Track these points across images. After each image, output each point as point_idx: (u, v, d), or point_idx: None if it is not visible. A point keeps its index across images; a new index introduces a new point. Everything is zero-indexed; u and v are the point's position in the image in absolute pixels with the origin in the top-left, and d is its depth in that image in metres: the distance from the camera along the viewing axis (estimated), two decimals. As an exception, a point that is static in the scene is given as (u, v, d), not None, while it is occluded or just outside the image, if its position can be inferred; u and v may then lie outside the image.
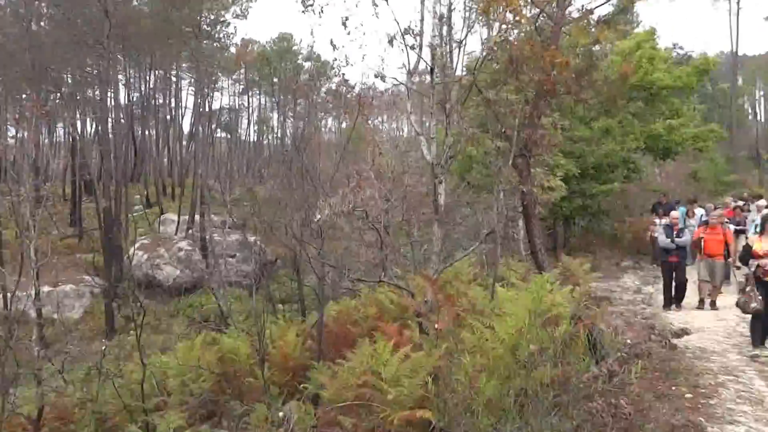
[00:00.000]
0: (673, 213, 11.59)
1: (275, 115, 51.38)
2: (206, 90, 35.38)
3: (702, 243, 10.48)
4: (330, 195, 5.95)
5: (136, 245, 22.22)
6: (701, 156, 23.86)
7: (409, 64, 5.09)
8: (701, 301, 10.65)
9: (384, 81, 5.80)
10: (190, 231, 26.72)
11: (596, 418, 4.28)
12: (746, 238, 11.70)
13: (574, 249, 17.35)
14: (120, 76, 35.98)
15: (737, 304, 7.46)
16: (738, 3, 45.85)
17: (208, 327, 11.59)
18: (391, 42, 4.98)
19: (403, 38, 4.96)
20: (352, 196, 5.37)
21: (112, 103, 30.76)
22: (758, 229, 11.18)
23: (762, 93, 50.59)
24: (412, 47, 4.97)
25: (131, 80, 39.27)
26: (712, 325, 9.08)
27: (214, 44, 33.15)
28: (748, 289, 7.27)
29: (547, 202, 6.08)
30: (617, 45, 16.24)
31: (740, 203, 16.93)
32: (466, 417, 3.59)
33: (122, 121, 32.97)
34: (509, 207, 9.34)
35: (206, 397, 6.50)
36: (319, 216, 5.71)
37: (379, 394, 3.86)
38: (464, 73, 6.41)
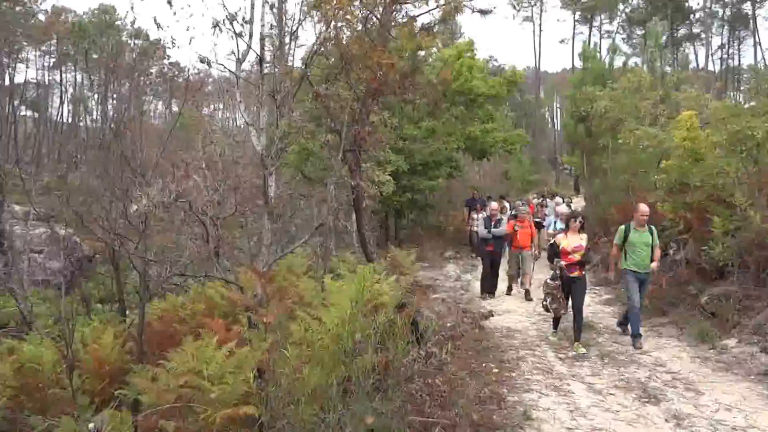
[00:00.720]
0: (493, 204, 12.46)
1: (94, 95, 46.58)
2: (6, 60, 31.08)
3: (513, 235, 11.25)
4: (150, 184, 5.61)
5: None
6: (511, 157, 26.28)
7: (238, 51, 4.97)
8: (510, 288, 11.67)
9: (210, 67, 5.59)
10: (-16, 223, 23.45)
11: (416, 398, 4.56)
12: (548, 233, 13.14)
13: (405, 241, 18.20)
14: None
15: (543, 305, 8.02)
16: (540, 26, 51.50)
17: (6, 334, 10.24)
18: (216, 27, 4.81)
19: (231, 24, 4.82)
20: (174, 185, 5.13)
21: None
22: (556, 227, 12.62)
23: (559, 105, 57.06)
24: (240, 35, 4.85)
25: None
26: (516, 307, 10.15)
27: (16, 8, 29.08)
28: (558, 295, 7.73)
29: (375, 195, 6.32)
30: (442, 52, 17.32)
31: (541, 200, 18.94)
32: (289, 409, 3.62)
33: None
34: (341, 200, 9.54)
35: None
36: (136, 207, 5.36)
37: (202, 393, 3.75)
38: (300, 65, 6.41)
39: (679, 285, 9.73)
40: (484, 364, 6.56)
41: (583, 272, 7.73)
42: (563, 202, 17.85)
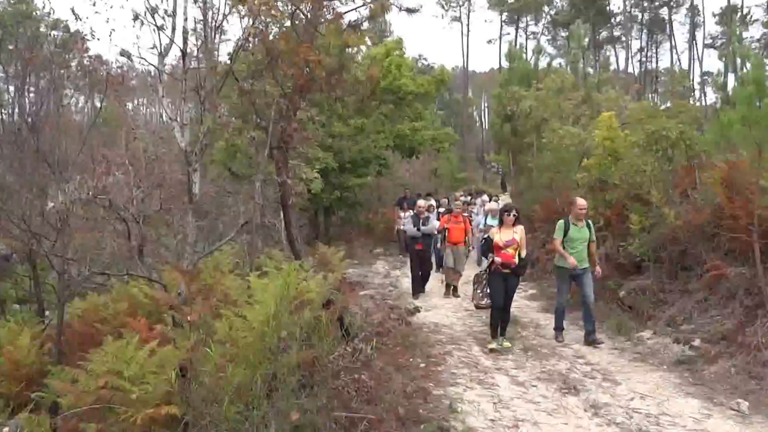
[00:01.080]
0: (420, 202, 12.22)
1: (9, 88, 43.92)
2: None
3: (447, 231, 11.16)
4: (68, 180, 5.38)
5: None
6: (440, 155, 26.72)
7: (160, 45, 4.83)
8: (449, 287, 11.37)
9: (131, 60, 5.42)
10: None
11: (342, 394, 4.61)
12: (479, 229, 13.37)
13: (334, 238, 18.18)
14: None
15: (472, 300, 7.98)
16: (468, 26, 52.62)
17: None
18: (137, 19, 4.66)
19: (153, 17, 4.69)
20: (93, 181, 4.94)
21: None
22: (486, 223, 12.89)
23: (486, 105, 58.54)
24: (162, 28, 4.72)
25: None
26: (443, 302, 10.36)
27: None
28: (475, 288, 7.81)
29: (301, 193, 6.30)
30: (370, 50, 17.41)
31: (468, 198, 19.37)
32: (213, 407, 3.59)
33: None
34: (268, 198, 9.43)
35: None
36: (52, 204, 5.13)
37: (123, 394, 3.65)
38: (226, 60, 6.29)
39: (598, 279, 10.21)
40: (410, 359, 6.67)
41: (519, 271, 7.63)
42: (490, 199, 18.31)
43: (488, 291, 7.56)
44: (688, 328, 7.41)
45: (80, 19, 5.35)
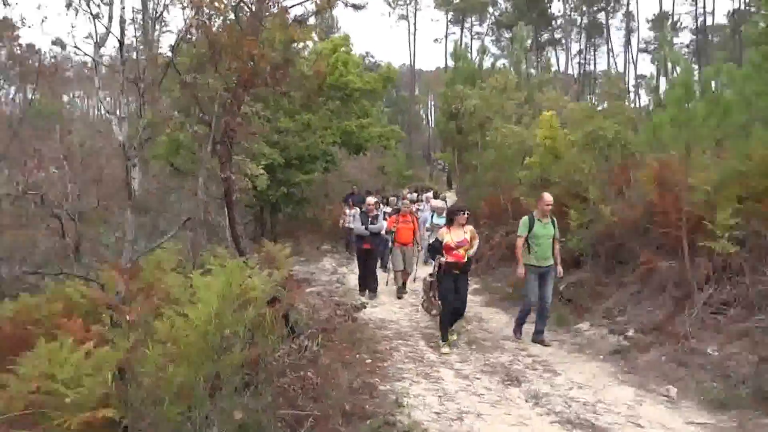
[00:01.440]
0: (369, 199, 11.73)
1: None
2: None
3: (395, 232, 10.90)
4: (-5, 176, 5.12)
5: None
6: (387, 152, 26.81)
7: (96, 35, 4.64)
8: (400, 289, 11.09)
9: (64, 50, 5.20)
10: None
11: (288, 392, 4.57)
12: (426, 227, 13.42)
13: (281, 235, 17.98)
14: None
15: (422, 306, 7.90)
16: (415, 24, 53.05)
17: None
18: (70, 6, 4.46)
19: (88, 5, 4.49)
20: (24, 176, 4.72)
21: None
22: (433, 221, 12.97)
23: (433, 103, 59.09)
24: (98, 16, 4.53)
25: None
26: (390, 299, 10.42)
27: None
28: (431, 294, 7.75)
29: (246, 189, 6.19)
30: (318, 46, 17.28)
31: (415, 195, 19.52)
32: (153, 409, 3.49)
33: None
34: (213, 194, 9.23)
35: None
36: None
37: (56, 398, 3.50)
38: (168, 52, 6.12)
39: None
40: (357, 356, 6.69)
41: (468, 269, 7.60)
42: (436, 197, 18.50)
43: (425, 303, 7.58)
44: (623, 320, 7.72)
45: (8, 5, 5.08)
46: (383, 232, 11.07)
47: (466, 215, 7.56)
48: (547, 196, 7.74)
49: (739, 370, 5.61)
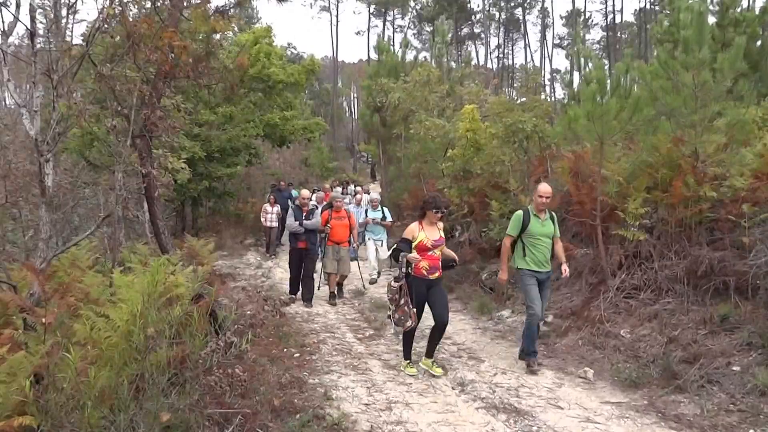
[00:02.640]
0: (304, 192, 10.15)
1: None
2: None
3: (330, 229, 9.64)
4: None
5: None
6: (310, 145, 26.67)
7: (2, 23, 4.37)
8: (333, 295, 9.84)
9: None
10: None
11: (216, 389, 4.50)
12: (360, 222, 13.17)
13: (203, 230, 17.62)
14: None
15: (390, 318, 6.02)
16: (337, 16, 52.85)
17: None
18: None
19: (-7, -8, 4.22)
20: None
21: None
22: (366, 215, 12.86)
23: (356, 95, 59.21)
24: (4, 4, 4.26)
25: None
26: (318, 292, 10.36)
27: None
28: (402, 302, 5.84)
29: (168, 183, 5.99)
30: (238, 37, 16.92)
31: (340, 188, 19.49)
32: (74, 414, 3.36)
33: None
34: (131, 189, 8.89)
35: None
36: None
37: (-34, 407, 3.30)
38: (81, 42, 5.82)
39: (463, 264, 10.76)
40: (285, 350, 6.67)
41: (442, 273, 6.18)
42: (362, 189, 18.54)
43: (396, 314, 5.87)
44: (542, 306, 8.05)
45: None
46: (319, 227, 9.60)
47: (440, 212, 6.07)
48: (543, 187, 6.24)
49: (649, 351, 6.01)
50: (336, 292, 10.03)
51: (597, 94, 7.24)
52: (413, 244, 5.89)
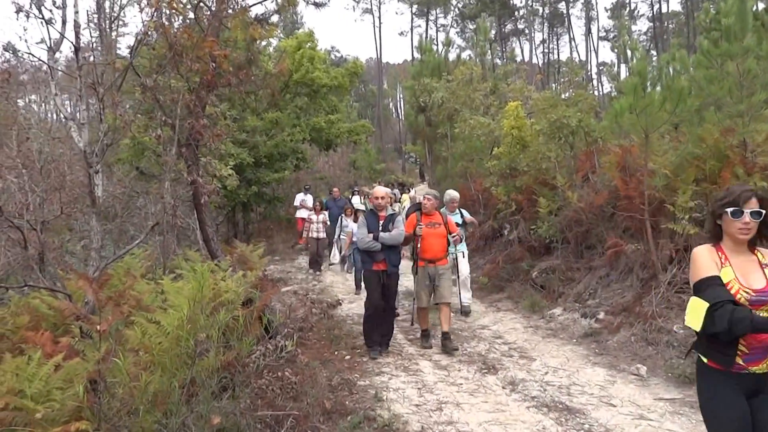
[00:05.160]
0: (379, 190, 7.09)
1: None
2: None
3: (418, 242, 6.98)
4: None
5: None
6: (357, 147, 26.79)
7: (50, 40, 4.52)
8: (426, 336, 7.16)
9: (16, 55, 5.05)
10: None
11: (267, 393, 4.54)
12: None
13: (254, 235, 17.89)
14: None
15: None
16: (380, 18, 52.97)
17: None
18: (20, 12, 4.33)
19: (39, 10, 4.37)
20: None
21: None
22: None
23: (401, 96, 59.20)
24: (50, 21, 4.41)
25: None
26: (364, 296, 10.32)
27: None
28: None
29: (215, 190, 6.08)
30: (281, 43, 17.14)
31: (397, 192, 19.19)
32: (128, 419, 3.43)
33: None
34: (181, 196, 9.08)
35: None
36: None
37: (26, 414, 3.41)
38: (127, 54, 5.99)
39: (513, 262, 10.59)
40: (335, 353, 6.69)
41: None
42: (404, 189, 18.42)
43: None
44: (593, 303, 7.85)
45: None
46: (400, 242, 6.74)
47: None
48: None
49: (702, 346, 5.77)
50: (450, 340, 6.79)
51: (640, 86, 7.02)
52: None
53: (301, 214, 16.82)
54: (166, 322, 3.91)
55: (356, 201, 17.19)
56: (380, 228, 6.61)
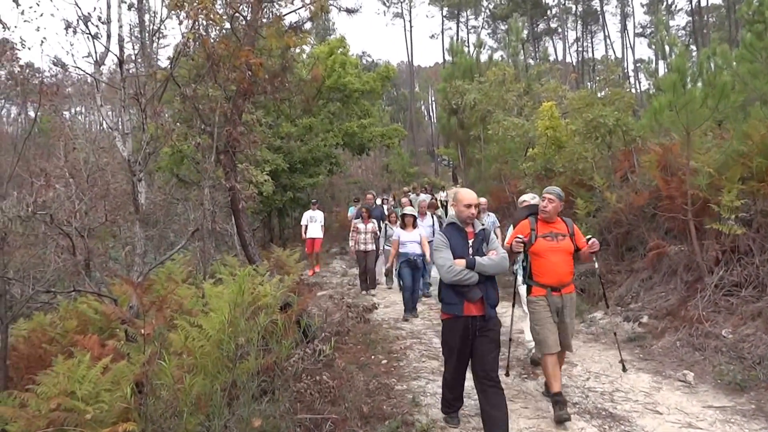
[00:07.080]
0: (465, 195, 4.61)
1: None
2: None
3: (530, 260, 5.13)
4: (5, 196, 5.17)
5: None
6: (390, 151, 26.85)
7: (95, 53, 4.69)
8: (561, 404, 4.82)
9: (65, 69, 5.25)
10: None
11: (305, 396, 4.59)
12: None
13: (290, 239, 18.07)
14: None
15: None
16: (410, 22, 52.98)
17: None
18: (69, 28, 4.51)
19: (86, 26, 4.54)
20: (33, 197, 4.77)
21: None
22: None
23: (433, 99, 59.04)
24: (96, 36, 4.58)
25: None
26: (400, 298, 10.35)
27: None
28: None
29: (252, 196, 6.17)
30: (314, 49, 17.33)
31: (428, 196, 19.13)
32: (172, 421, 3.52)
33: None
34: (219, 203, 9.27)
35: None
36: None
37: (77, 415, 3.54)
38: (167, 65, 6.16)
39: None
40: (372, 357, 6.70)
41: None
42: (434, 192, 18.30)
43: None
44: (636, 306, 7.68)
45: (8, 29, 5.13)
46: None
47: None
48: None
49: (754, 351, 5.59)
50: (565, 403, 4.76)
51: (679, 82, 6.86)
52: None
53: (313, 234, 14.52)
54: (208, 325, 4.00)
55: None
56: (471, 251, 4.41)
